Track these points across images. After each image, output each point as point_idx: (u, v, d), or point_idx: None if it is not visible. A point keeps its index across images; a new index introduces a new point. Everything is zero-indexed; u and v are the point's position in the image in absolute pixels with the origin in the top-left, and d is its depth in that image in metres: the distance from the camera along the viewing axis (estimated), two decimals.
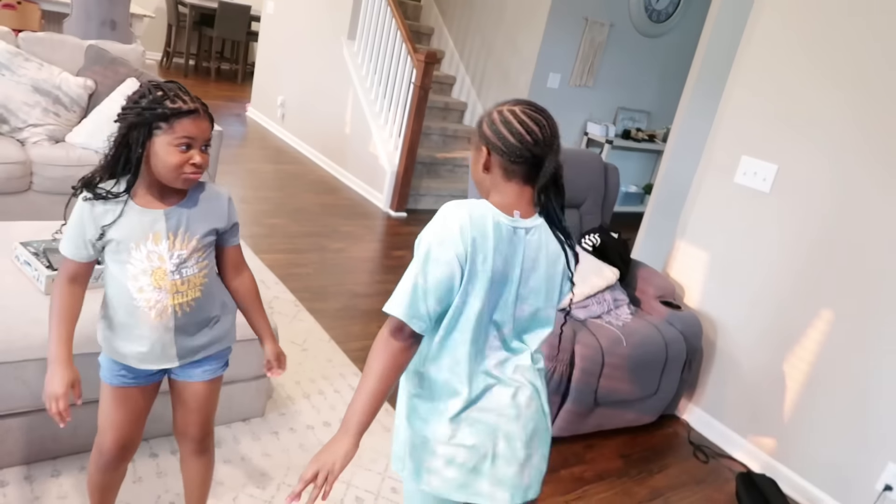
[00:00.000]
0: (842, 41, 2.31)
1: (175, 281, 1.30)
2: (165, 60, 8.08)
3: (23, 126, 3.01)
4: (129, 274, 1.28)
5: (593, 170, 2.92)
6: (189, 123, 1.20)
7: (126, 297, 1.29)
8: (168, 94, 1.20)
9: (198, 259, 1.33)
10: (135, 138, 1.20)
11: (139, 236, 1.26)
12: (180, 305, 1.32)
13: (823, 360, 2.37)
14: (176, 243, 1.29)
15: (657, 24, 5.59)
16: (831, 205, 2.35)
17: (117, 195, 1.24)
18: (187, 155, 1.22)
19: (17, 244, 1.92)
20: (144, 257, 1.27)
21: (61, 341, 1.27)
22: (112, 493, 1.53)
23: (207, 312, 1.38)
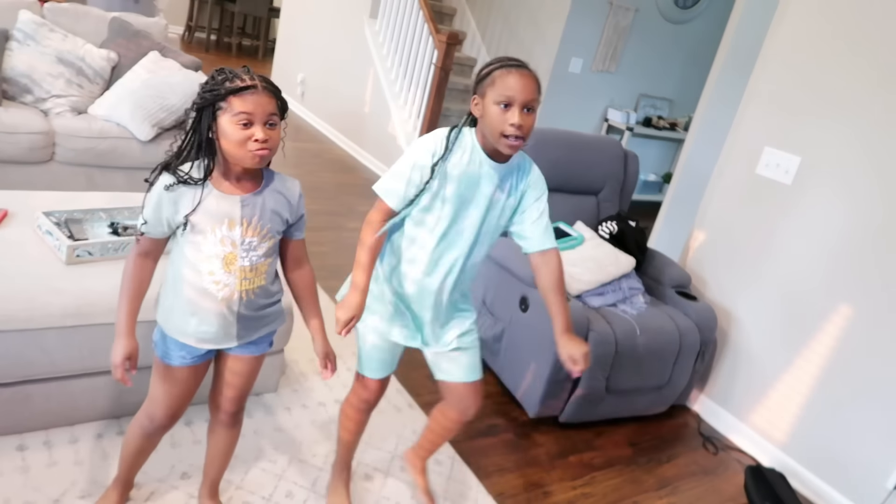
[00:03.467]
0: (874, 32, 2.26)
1: (244, 267, 1.34)
2: (187, 35, 8.09)
3: (46, 97, 3.03)
4: (202, 256, 1.31)
5: (613, 157, 2.90)
6: (246, 99, 1.22)
7: (196, 279, 1.33)
8: (228, 76, 1.24)
9: (267, 247, 1.36)
10: (204, 122, 1.25)
11: (215, 221, 1.29)
12: (246, 291, 1.36)
13: (838, 356, 2.35)
14: (249, 230, 1.32)
15: (683, 10, 5.50)
16: (854, 199, 2.31)
17: (197, 180, 1.27)
18: (249, 131, 1.23)
19: (40, 214, 1.94)
20: (218, 241, 1.30)
21: (129, 315, 1.32)
22: (143, 459, 1.59)
23: (268, 298, 1.43)
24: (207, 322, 1.36)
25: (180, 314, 1.37)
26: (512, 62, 1.44)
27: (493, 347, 2.57)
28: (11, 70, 2.98)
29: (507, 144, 1.41)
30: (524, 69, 1.43)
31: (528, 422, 2.44)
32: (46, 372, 1.72)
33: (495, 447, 2.27)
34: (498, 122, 1.40)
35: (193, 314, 1.36)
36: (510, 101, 1.39)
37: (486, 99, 1.42)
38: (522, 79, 1.41)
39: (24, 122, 2.84)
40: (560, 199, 2.80)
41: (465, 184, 1.47)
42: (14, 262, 1.78)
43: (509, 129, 1.39)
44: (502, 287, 2.53)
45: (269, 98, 1.26)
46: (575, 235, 2.66)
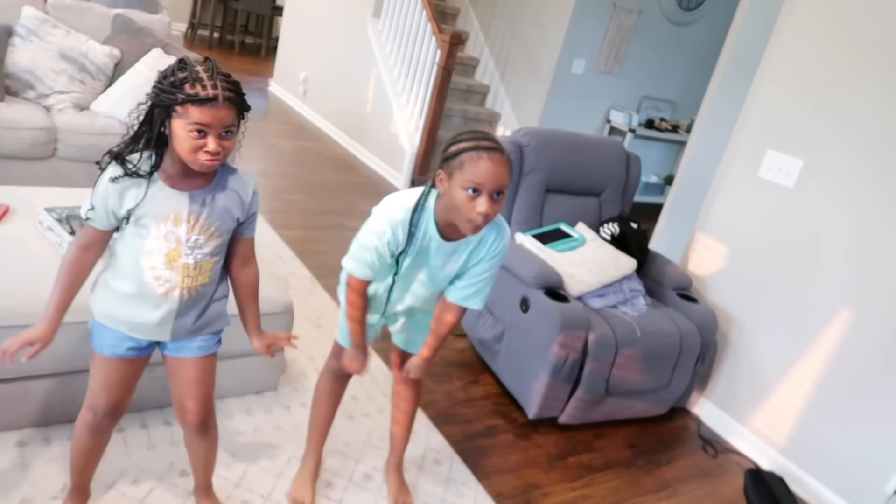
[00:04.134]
0: (877, 37, 2.26)
1: (188, 265, 1.30)
2: (190, 32, 8.09)
3: (49, 93, 3.03)
4: (144, 249, 1.28)
5: (615, 158, 2.90)
6: (203, 111, 1.16)
7: (136, 271, 1.30)
8: (189, 78, 1.16)
9: (213, 246, 1.33)
10: (157, 117, 1.20)
11: (161, 215, 1.26)
12: (188, 289, 1.33)
13: (839, 360, 2.35)
14: (195, 228, 1.29)
15: (687, 12, 5.49)
16: (855, 203, 2.31)
17: (144, 174, 1.24)
18: (201, 141, 1.19)
19: (41, 210, 1.94)
20: (162, 236, 1.27)
21: (58, 306, 1.29)
22: (96, 459, 1.53)
23: (209, 297, 1.40)
24: (141, 313, 1.32)
25: (114, 300, 1.33)
26: (483, 145, 1.34)
27: (494, 348, 2.57)
28: (14, 66, 2.98)
29: (470, 229, 1.37)
30: (496, 153, 1.33)
31: (527, 423, 2.44)
32: (46, 368, 1.72)
33: (494, 448, 2.27)
34: (465, 209, 1.34)
35: (127, 304, 1.32)
36: (479, 188, 1.31)
37: (452, 180, 1.35)
38: (494, 166, 1.32)
39: (26, 118, 2.84)
40: (562, 201, 2.80)
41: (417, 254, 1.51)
42: (15, 257, 1.78)
43: (477, 219, 1.33)
44: (503, 288, 2.53)
45: (228, 111, 1.19)
46: (576, 237, 2.66)
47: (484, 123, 5.63)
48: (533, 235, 2.63)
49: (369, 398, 2.32)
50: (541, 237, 2.62)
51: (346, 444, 2.07)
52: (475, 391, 2.56)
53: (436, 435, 2.23)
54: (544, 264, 2.42)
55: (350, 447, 2.06)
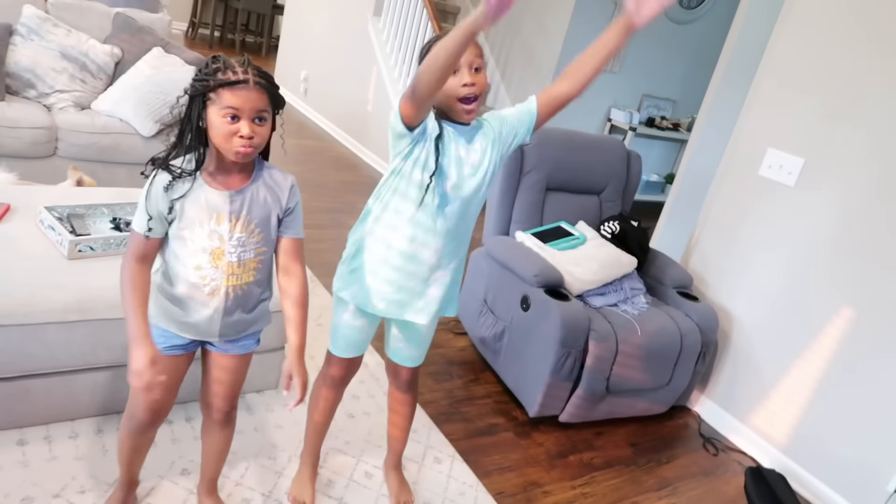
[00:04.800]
0: (878, 34, 2.25)
1: (232, 263, 1.32)
2: (191, 31, 8.09)
3: (49, 91, 3.04)
4: (189, 250, 1.30)
5: (616, 157, 2.90)
6: (235, 93, 1.20)
7: (184, 271, 1.32)
8: (222, 66, 1.21)
9: (256, 244, 1.35)
10: (194, 111, 1.23)
11: (204, 215, 1.28)
12: (233, 287, 1.35)
13: (839, 359, 2.34)
14: (237, 226, 1.31)
15: (688, 10, 5.49)
16: (857, 201, 2.31)
17: (189, 172, 1.26)
18: (235, 126, 1.21)
19: (42, 208, 1.94)
20: (206, 236, 1.29)
21: (142, 319, 1.28)
22: (141, 457, 1.56)
23: (256, 296, 1.41)
24: (191, 313, 1.35)
25: (165, 300, 1.36)
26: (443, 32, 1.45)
27: (494, 347, 2.57)
28: (15, 65, 2.98)
29: (464, 109, 1.45)
30: None
31: (528, 421, 2.44)
32: (47, 366, 1.72)
33: (495, 446, 2.27)
34: (453, 89, 1.42)
35: (178, 303, 1.35)
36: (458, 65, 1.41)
37: None
38: None
39: (27, 117, 2.84)
40: (562, 199, 2.80)
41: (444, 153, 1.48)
42: (16, 256, 1.78)
43: (462, 91, 1.42)
44: (503, 286, 2.53)
45: (259, 93, 1.23)
46: (577, 235, 2.66)
47: None
48: (533, 234, 2.63)
49: (370, 396, 2.33)
50: (541, 235, 2.62)
51: (347, 443, 2.07)
52: (476, 390, 2.56)
53: (436, 433, 2.23)
54: (545, 263, 2.42)
55: (351, 445, 2.07)
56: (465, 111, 1.45)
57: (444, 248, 1.54)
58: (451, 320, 3.00)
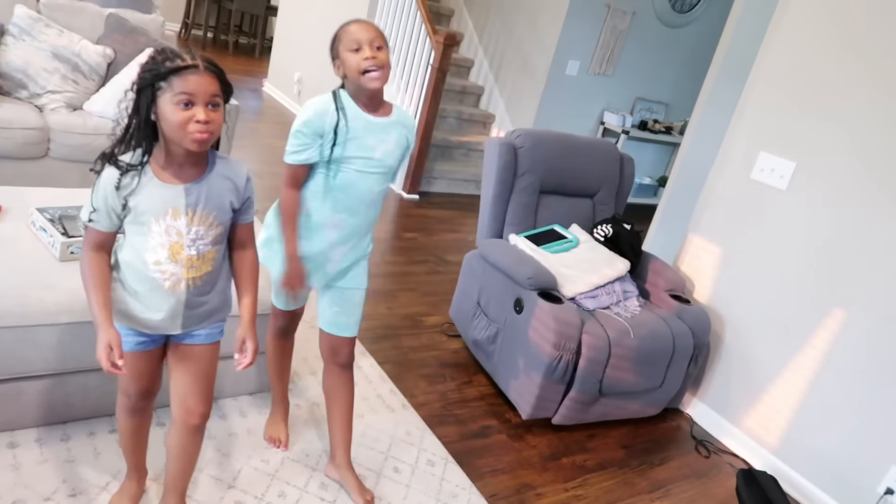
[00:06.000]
0: (870, 39, 2.27)
1: (191, 256, 1.32)
2: (184, 32, 8.07)
3: (41, 92, 3.02)
4: (147, 246, 1.29)
5: (609, 160, 2.91)
6: (187, 79, 1.18)
7: (142, 267, 1.31)
8: (169, 55, 1.20)
9: (214, 235, 1.34)
10: (143, 103, 1.21)
11: (159, 210, 1.27)
12: (193, 279, 1.34)
13: (830, 361, 2.36)
14: (194, 219, 1.30)
15: (680, 14, 5.52)
16: (848, 205, 2.32)
17: (136, 166, 1.25)
18: (189, 112, 1.19)
19: (34, 210, 1.93)
20: (163, 231, 1.28)
21: (103, 306, 1.28)
22: (142, 443, 1.58)
23: (214, 284, 1.41)
24: (152, 309, 1.35)
25: (125, 299, 1.35)
26: (349, 21, 1.65)
27: (487, 349, 2.57)
28: (6, 65, 2.96)
29: (368, 80, 1.58)
30: (361, 20, 1.64)
31: (521, 423, 2.44)
32: (39, 368, 1.71)
33: (488, 448, 2.27)
34: (356, 65, 1.58)
35: (138, 301, 1.34)
36: (359, 44, 1.58)
37: (341, 58, 1.61)
38: (361, 25, 1.61)
39: (18, 118, 2.82)
40: (556, 201, 2.81)
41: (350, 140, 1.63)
42: (7, 258, 1.77)
43: (366, 64, 1.57)
44: (497, 289, 2.53)
45: (210, 78, 1.21)
46: (570, 238, 2.66)
47: (478, 124, 5.64)
48: (527, 237, 2.63)
49: (363, 399, 2.32)
50: (535, 238, 2.63)
51: None
52: (469, 392, 2.57)
53: (429, 436, 2.23)
54: (538, 265, 2.43)
55: None
56: (371, 79, 1.59)
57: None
58: (445, 322, 3.00)
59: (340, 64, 1.62)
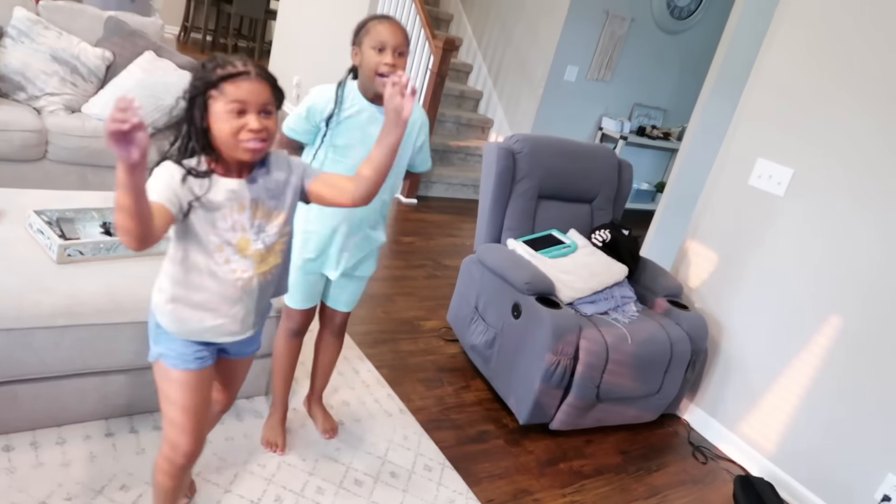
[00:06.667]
0: (867, 47, 2.28)
1: (259, 250, 1.29)
2: (183, 35, 8.07)
3: (40, 94, 3.02)
4: (214, 245, 1.24)
5: (607, 165, 2.91)
6: (239, 85, 1.15)
7: (212, 268, 1.26)
8: (220, 62, 1.17)
9: (279, 226, 1.31)
10: (195, 112, 1.17)
11: (224, 206, 1.23)
12: (263, 274, 1.31)
13: (828, 368, 2.36)
14: (258, 213, 1.27)
15: (679, 20, 5.54)
16: (845, 212, 2.33)
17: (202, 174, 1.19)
18: (242, 120, 1.16)
19: (31, 212, 1.93)
20: (230, 227, 1.24)
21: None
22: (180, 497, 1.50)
23: (280, 278, 1.40)
24: (226, 312, 1.30)
25: (195, 310, 1.28)
26: (382, 15, 1.68)
27: (485, 354, 2.57)
28: (5, 67, 2.96)
29: (381, 83, 1.60)
30: (394, 21, 1.66)
31: (518, 428, 2.44)
32: (35, 372, 1.70)
33: (485, 453, 2.27)
34: (374, 64, 1.62)
35: (209, 309, 1.29)
36: (384, 45, 1.61)
37: (363, 47, 1.65)
38: (393, 27, 1.63)
39: (16, 120, 2.82)
40: (554, 207, 2.81)
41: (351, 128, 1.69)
42: (4, 260, 1.76)
43: (384, 69, 1.60)
44: (495, 294, 2.53)
45: (263, 85, 1.18)
46: (568, 243, 2.67)
47: (477, 129, 5.64)
48: (525, 241, 2.63)
49: (360, 403, 2.32)
50: (533, 243, 2.63)
51: (337, 450, 2.06)
52: (466, 397, 2.56)
53: (426, 441, 2.23)
54: (536, 270, 2.43)
55: (341, 452, 2.06)
56: (382, 84, 1.60)
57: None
58: (443, 327, 3.00)
59: (359, 53, 1.66)
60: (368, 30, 1.64)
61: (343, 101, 1.68)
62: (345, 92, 1.69)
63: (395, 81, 1.30)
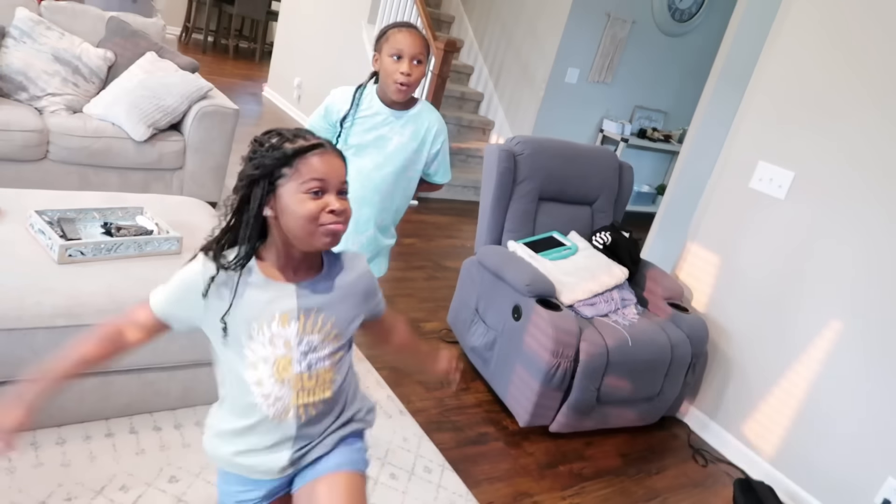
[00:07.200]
0: (869, 50, 2.28)
1: (301, 374, 1.05)
2: (185, 36, 8.08)
3: (41, 94, 3.02)
4: (246, 362, 1.04)
5: (608, 167, 2.91)
6: (316, 161, 0.98)
7: (242, 393, 1.05)
8: (286, 136, 1.01)
9: (332, 349, 1.08)
10: (256, 195, 0.99)
11: (264, 315, 1.03)
12: (305, 407, 1.07)
13: (828, 371, 2.36)
14: (307, 326, 1.04)
15: (680, 23, 5.54)
16: (846, 215, 2.33)
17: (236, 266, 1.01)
18: (321, 201, 0.98)
19: (32, 212, 1.93)
20: (268, 342, 1.03)
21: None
22: None
23: (336, 416, 1.14)
24: (255, 448, 1.08)
25: (225, 442, 1.10)
26: (403, 23, 1.73)
27: (485, 356, 2.57)
28: (7, 67, 2.96)
29: (396, 90, 1.69)
30: (413, 28, 1.70)
31: (518, 431, 2.44)
32: (31, 372, 1.70)
33: (485, 456, 2.27)
34: (391, 72, 1.68)
35: (239, 440, 1.08)
36: (401, 54, 1.67)
37: (382, 53, 1.71)
38: (412, 36, 1.68)
39: (18, 120, 2.82)
40: (555, 209, 2.81)
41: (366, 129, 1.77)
42: (5, 260, 1.76)
43: (400, 77, 1.67)
44: (495, 295, 2.53)
45: (339, 160, 1.02)
46: (569, 245, 2.67)
47: (477, 131, 5.65)
48: (525, 243, 2.63)
49: None
50: (533, 245, 2.63)
51: None
52: (466, 399, 2.56)
53: (426, 442, 2.22)
54: (537, 272, 2.43)
55: None
56: (397, 90, 1.71)
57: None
58: (443, 328, 3.00)
59: (379, 59, 1.73)
60: (388, 38, 1.70)
61: (360, 104, 1.76)
62: (363, 95, 1.77)
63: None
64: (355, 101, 1.76)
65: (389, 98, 1.75)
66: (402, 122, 1.80)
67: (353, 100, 1.76)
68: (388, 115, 1.77)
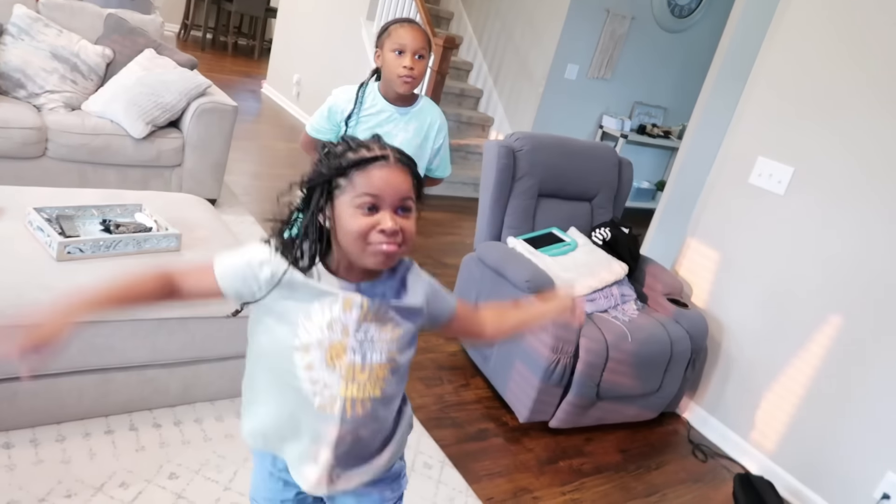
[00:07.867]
0: (869, 46, 2.28)
1: (353, 364, 0.99)
2: (183, 33, 8.07)
3: (40, 92, 3.02)
4: (299, 342, 0.97)
5: (607, 163, 2.91)
6: (373, 174, 0.91)
7: (287, 372, 0.98)
8: (351, 145, 0.95)
9: (390, 341, 1.01)
10: (315, 202, 0.95)
11: (326, 298, 0.97)
12: (353, 402, 0.99)
13: (827, 366, 2.36)
14: (370, 315, 0.98)
15: (679, 19, 5.53)
16: (845, 211, 2.33)
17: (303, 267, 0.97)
18: (373, 219, 0.91)
19: (31, 210, 1.93)
20: (326, 325, 0.97)
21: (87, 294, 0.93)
22: None
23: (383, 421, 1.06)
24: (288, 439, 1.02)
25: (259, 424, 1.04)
26: (405, 18, 1.76)
27: (485, 352, 2.57)
28: (5, 65, 2.96)
29: (400, 84, 1.71)
30: (415, 24, 1.72)
31: (518, 427, 2.44)
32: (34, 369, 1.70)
33: (485, 452, 2.27)
34: (394, 67, 1.70)
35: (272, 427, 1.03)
36: (403, 49, 1.69)
37: (384, 49, 1.73)
38: (413, 30, 1.70)
39: (16, 117, 2.82)
40: (554, 205, 2.81)
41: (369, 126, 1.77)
42: (4, 258, 1.76)
43: (402, 71, 1.69)
44: (495, 292, 2.53)
45: (403, 175, 0.94)
46: (568, 241, 2.66)
47: (477, 127, 5.64)
48: (525, 240, 2.63)
49: None
50: (533, 241, 2.63)
51: None
52: (466, 395, 2.56)
53: (426, 439, 2.23)
54: (536, 268, 2.43)
55: None
56: (401, 84, 1.73)
57: None
58: None
59: (381, 55, 1.74)
60: (390, 33, 1.72)
61: (364, 102, 1.77)
62: (366, 93, 1.77)
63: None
64: (359, 100, 1.77)
65: (393, 94, 1.77)
66: (406, 118, 1.81)
67: (356, 98, 1.77)
68: (393, 112, 1.79)
